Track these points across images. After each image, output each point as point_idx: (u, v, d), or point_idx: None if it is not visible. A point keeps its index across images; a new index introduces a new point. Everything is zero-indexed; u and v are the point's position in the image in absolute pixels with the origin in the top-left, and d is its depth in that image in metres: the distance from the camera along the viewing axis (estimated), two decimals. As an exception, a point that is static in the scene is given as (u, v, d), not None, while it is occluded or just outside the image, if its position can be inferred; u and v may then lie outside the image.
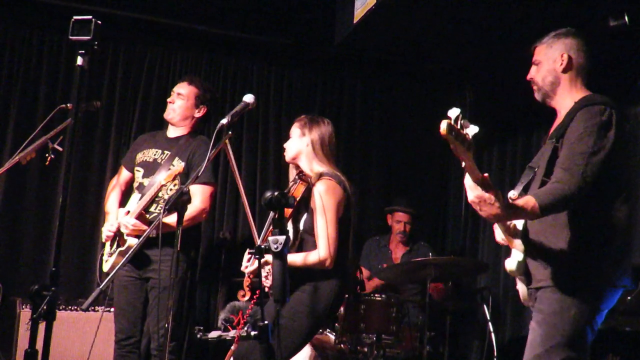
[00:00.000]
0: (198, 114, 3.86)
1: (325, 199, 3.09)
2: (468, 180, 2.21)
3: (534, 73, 2.71)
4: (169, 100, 3.90)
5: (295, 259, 3.07)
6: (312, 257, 3.08)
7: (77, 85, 2.60)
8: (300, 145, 3.27)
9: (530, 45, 2.75)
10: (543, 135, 2.78)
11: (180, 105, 3.84)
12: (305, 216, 3.19)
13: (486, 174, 2.21)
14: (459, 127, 2.06)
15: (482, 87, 6.00)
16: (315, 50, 5.68)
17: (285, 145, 3.34)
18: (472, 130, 2.11)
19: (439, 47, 5.37)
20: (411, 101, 6.19)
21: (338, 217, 3.12)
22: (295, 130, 3.32)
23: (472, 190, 2.23)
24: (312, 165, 3.24)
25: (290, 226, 3.18)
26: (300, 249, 3.19)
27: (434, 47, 5.40)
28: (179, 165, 3.55)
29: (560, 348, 2.41)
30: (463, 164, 2.15)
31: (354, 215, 3.23)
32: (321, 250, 3.07)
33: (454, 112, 2.07)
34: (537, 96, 2.71)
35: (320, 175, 3.17)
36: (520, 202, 2.33)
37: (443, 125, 2.02)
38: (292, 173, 3.37)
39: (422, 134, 6.13)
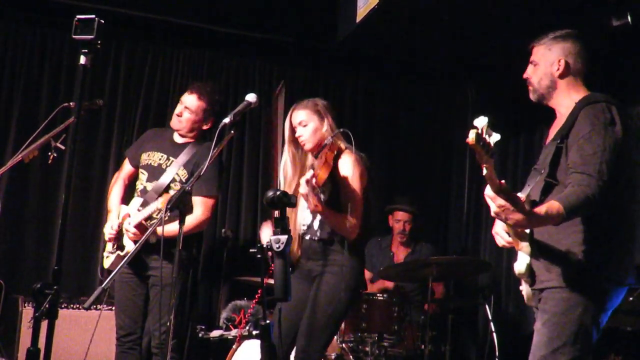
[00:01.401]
0: (206, 126, 3.83)
1: (353, 171, 3.21)
2: (489, 192, 2.21)
3: (530, 73, 2.70)
4: (176, 112, 3.81)
5: (335, 215, 3.18)
6: (348, 220, 3.17)
7: (79, 84, 2.60)
8: (324, 132, 3.31)
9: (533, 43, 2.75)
10: (545, 134, 2.77)
11: (188, 119, 3.77)
12: (329, 187, 3.24)
13: (503, 181, 2.21)
14: (484, 136, 2.07)
15: (484, 85, 5.99)
16: (317, 48, 5.68)
17: (303, 132, 3.32)
18: (494, 138, 2.13)
19: (441, 46, 5.37)
20: (413, 100, 6.19)
21: (362, 189, 3.24)
22: (309, 116, 3.33)
23: (494, 201, 2.23)
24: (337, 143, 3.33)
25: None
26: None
27: (437, 46, 5.39)
28: (159, 202, 3.53)
29: (567, 348, 2.41)
30: (484, 171, 2.15)
31: (371, 195, 3.36)
32: (356, 219, 3.18)
33: (480, 122, 2.07)
34: (532, 96, 2.71)
35: (346, 148, 3.29)
36: (544, 207, 2.31)
37: (471, 135, 2.03)
38: (288, 169, 3.39)
39: (425, 133, 6.14)
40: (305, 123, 3.32)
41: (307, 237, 3.32)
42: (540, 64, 2.67)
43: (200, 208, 3.67)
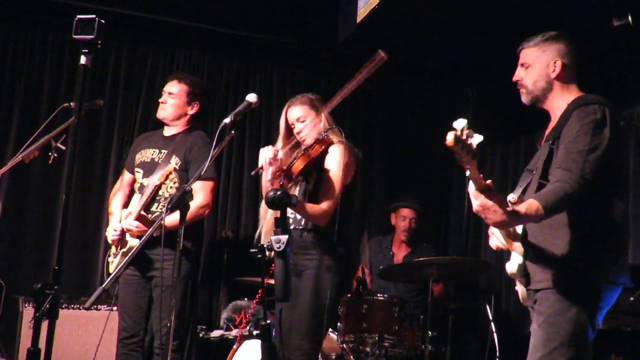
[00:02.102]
0: (191, 111, 3.87)
1: (338, 160, 3.23)
2: (472, 188, 2.22)
3: (522, 75, 2.70)
4: (160, 100, 3.91)
5: (305, 205, 3.20)
6: (316, 207, 3.21)
7: (80, 84, 2.59)
8: (321, 127, 3.35)
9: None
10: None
11: (172, 104, 3.85)
12: (315, 177, 3.28)
13: (489, 181, 2.22)
14: (464, 137, 2.07)
15: (484, 86, 5.99)
16: (318, 49, 5.67)
17: (303, 128, 3.36)
18: (476, 139, 2.12)
19: (442, 46, 5.37)
20: (414, 100, 6.18)
21: (344, 181, 3.24)
22: (307, 111, 3.38)
23: (476, 199, 2.24)
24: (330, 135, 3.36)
25: (297, 189, 3.32)
26: None
27: (437, 46, 5.39)
28: (170, 165, 3.58)
29: (564, 348, 2.41)
30: (467, 172, 2.16)
31: (359, 188, 3.38)
32: (326, 204, 3.20)
33: (459, 124, 2.08)
34: (525, 99, 2.71)
35: (338, 141, 3.32)
36: (523, 206, 2.32)
37: (449, 137, 2.04)
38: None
39: (425, 134, 6.13)
40: (304, 119, 3.37)
41: (292, 228, 3.32)
42: (534, 65, 2.67)
43: (200, 194, 3.64)
